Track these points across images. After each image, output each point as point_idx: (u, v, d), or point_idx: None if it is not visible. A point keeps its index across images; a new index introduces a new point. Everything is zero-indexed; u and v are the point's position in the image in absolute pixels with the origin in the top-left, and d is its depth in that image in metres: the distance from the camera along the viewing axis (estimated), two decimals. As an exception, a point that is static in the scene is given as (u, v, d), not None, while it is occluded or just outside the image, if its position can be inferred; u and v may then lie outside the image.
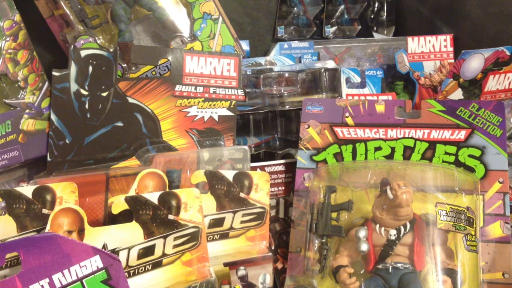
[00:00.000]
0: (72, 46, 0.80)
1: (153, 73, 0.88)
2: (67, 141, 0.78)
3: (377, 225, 0.62)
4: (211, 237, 0.69)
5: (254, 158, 0.88)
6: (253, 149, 0.89)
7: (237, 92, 0.82)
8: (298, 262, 0.70)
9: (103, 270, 0.51)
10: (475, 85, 0.86)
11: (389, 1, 1.20)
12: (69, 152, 0.78)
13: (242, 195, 0.70)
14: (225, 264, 0.66)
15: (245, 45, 1.08)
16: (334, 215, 0.65)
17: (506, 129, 0.71)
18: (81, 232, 0.57)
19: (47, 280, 0.49)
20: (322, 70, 0.86)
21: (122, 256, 0.58)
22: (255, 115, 0.90)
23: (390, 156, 0.73)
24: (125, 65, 0.87)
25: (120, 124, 0.79)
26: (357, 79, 0.97)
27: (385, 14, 1.21)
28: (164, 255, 0.61)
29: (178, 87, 0.80)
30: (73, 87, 0.79)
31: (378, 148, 0.73)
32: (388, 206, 0.62)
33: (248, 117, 0.90)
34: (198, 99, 0.81)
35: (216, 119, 0.81)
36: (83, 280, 0.51)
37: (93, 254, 0.51)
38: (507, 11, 0.88)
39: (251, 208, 0.70)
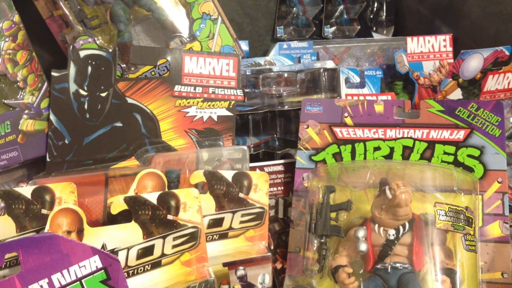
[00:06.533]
0: (71, 46, 0.81)
1: (152, 73, 0.88)
2: (66, 142, 0.78)
3: (376, 225, 0.62)
4: (210, 237, 0.69)
5: (253, 158, 0.88)
6: (252, 149, 0.89)
7: (236, 92, 0.82)
8: (297, 262, 0.70)
9: (102, 270, 0.51)
10: (474, 85, 0.86)
11: (388, 1, 1.20)
12: (68, 153, 0.78)
13: (241, 195, 0.70)
14: (224, 264, 0.66)
15: (244, 45, 1.08)
16: (333, 215, 0.65)
17: (505, 129, 0.71)
18: (80, 232, 0.57)
19: (46, 280, 0.50)
20: (321, 70, 0.86)
21: (121, 256, 0.58)
22: (254, 115, 0.90)
23: (389, 156, 0.73)
24: (124, 65, 0.88)
25: (119, 124, 0.79)
26: (356, 79, 0.97)
27: (385, 14, 1.21)
28: (163, 255, 0.61)
29: (177, 87, 0.80)
30: (72, 87, 0.79)
31: (377, 148, 0.73)
32: (387, 206, 0.62)
33: (247, 117, 0.90)
34: (197, 99, 0.81)
35: (215, 119, 0.81)
36: (82, 280, 0.51)
37: (92, 254, 0.51)
38: (507, 11, 0.88)
39: (250, 208, 0.70)
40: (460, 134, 0.71)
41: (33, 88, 0.80)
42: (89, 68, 0.80)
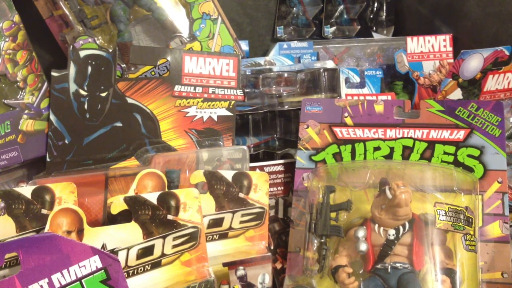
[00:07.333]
0: (71, 46, 0.81)
1: (152, 73, 0.88)
2: (66, 142, 0.78)
3: (376, 225, 0.62)
4: (210, 237, 0.69)
5: (253, 158, 0.88)
6: (252, 149, 0.89)
7: (236, 92, 0.82)
8: (297, 262, 0.70)
9: (102, 270, 0.51)
10: (474, 85, 0.86)
11: (388, 1, 1.20)
12: (68, 153, 0.78)
13: (241, 195, 0.70)
14: (224, 264, 0.66)
15: (244, 45, 1.08)
16: (333, 215, 0.65)
17: (505, 129, 0.71)
18: (80, 232, 0.57)
19: (46, 280, 0.50)
20: (321, 70, 0.86)
21: (121, 256, 0.58)
22: (254, 115, 0.90)
23: (389, 156, 0.73)
24: (124, 65, 0.88)
25: (119, 124, 0.79)
26: (356, 79, 0.97)
27: (385, 14, 1.21)
28: (163, 255, 0.61)
29: (177, 87, 0.80)
30: (72, 87, 0.79)
31: (377, 148, 0.73)
32: (387, 206, 0.62)
33: (247, 117, 0.90)
34: (197, 99, 0.81)
35: (215, 119, 0.81)
36: (82, 280, 0.51)
37: (92, 254, 0.51)
38: (507, 11, 0.88)
39: (250, 208, 0.70)
40: (460, 134, 0.71)
41: (33, 88, 0.80)
42: (89, 68, 0.80)
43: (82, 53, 0.80)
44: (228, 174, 0.69)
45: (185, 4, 0.88)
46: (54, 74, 0.80)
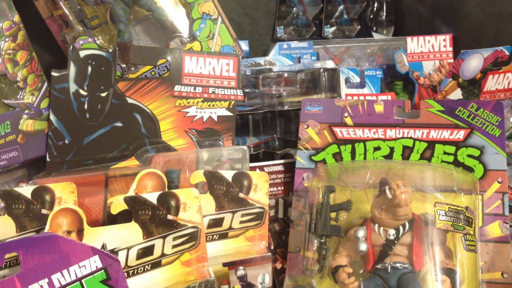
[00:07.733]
0: (71, 46, 0.81)
1: (152, 73, 0.88)
2: (66, 142, 0.78)
3: (376, 225, 0.62)
4: (210, 237, 0.69)
5: (253, 158, 0.88)
6: (252, 149, 0.89)
7: (236, 92, 0.82)
8: (297, 262, 0.70)
9: (102, 270, 0.52)
10: (474, 85, 0.86)
11: (388, 1, 1.20)
12: (68, 153, 0.78)
13: (241, 195, 0.70)
14: (224, 264, 0.66)
15: (244, 45, 1.08)
16: (333, 215, 0.65)
17: (505, 129, 0.71)
18: (80, 232, 0.57)
19: (46, 280, 0.50)
20: (321, 70, 0.86)
21: (121, 256, 0.58)
22: (254, 115, 0.90)
23: (389, 156, 0.73)
24: (124, 65, 0.88)
25: (119, 124, 0.79)
26: (356, 79, 0.97)
27: (385, 14, 1.21)
28: (163, 255, 0.61)
29: (177, 87, 0.80)
30: (72, 87, 0.79)
31: (377, 148, 0.73)
32: (387, 206, 0.62)
33: (247, 117, 0.90)
34: (197, 99, 0.81)
35: (215, 119, 0.81)
36: (82, 280, 0.51)
37: (92, 254, 0.51)
38: (507, 11, 0.88)
39: (250, 208, 0.70)
40: (460, 134, 0.71)
41: (33, 88, 0.80)
42: (89, 68, 0.80)
43: (82, 53, 0.80)
44: (228, 174, 0.69)
45: (185, 4, 0.88)
46: (54, 74, 0.80)
